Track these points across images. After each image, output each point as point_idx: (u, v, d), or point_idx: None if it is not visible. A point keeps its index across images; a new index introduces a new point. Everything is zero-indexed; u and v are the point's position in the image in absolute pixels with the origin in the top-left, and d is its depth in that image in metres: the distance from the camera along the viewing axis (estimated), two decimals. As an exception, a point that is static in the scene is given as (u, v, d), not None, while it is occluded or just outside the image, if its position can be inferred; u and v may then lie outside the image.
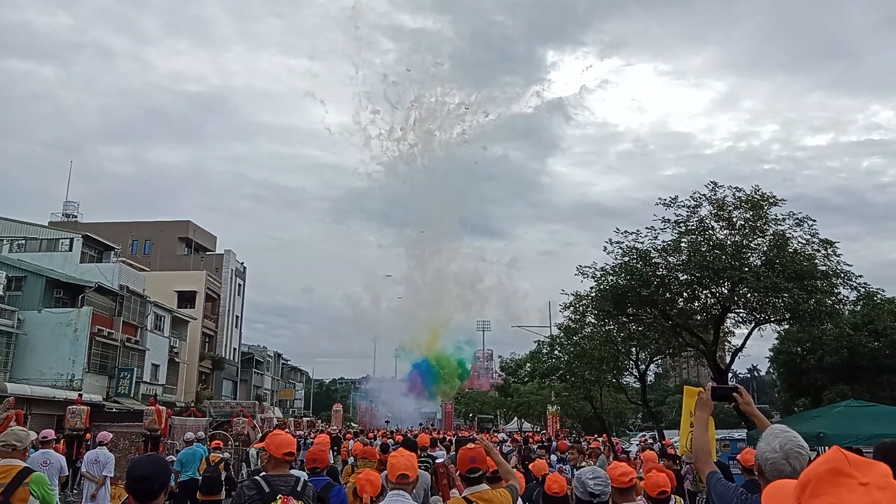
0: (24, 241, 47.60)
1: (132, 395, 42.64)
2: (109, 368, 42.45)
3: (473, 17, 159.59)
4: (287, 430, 31.79)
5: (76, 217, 65.39)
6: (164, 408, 25.54)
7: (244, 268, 72.35)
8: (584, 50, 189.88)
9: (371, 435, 30.41)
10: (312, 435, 35.49)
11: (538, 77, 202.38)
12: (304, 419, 57.99)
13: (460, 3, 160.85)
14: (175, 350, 52.75)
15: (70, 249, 46.16)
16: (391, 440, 20.45)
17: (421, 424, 73.53)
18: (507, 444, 26.22)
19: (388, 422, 76.29)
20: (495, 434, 40.24)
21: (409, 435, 26.75)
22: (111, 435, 14.29)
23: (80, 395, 27.64)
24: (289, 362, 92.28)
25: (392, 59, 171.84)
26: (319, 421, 64.94)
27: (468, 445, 5.05)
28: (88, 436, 21.57)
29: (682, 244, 21.88)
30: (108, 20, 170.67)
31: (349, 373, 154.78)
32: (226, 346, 66.53)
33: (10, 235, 48.04)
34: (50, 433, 11.11)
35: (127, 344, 44.13)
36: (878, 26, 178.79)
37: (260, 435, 23.79)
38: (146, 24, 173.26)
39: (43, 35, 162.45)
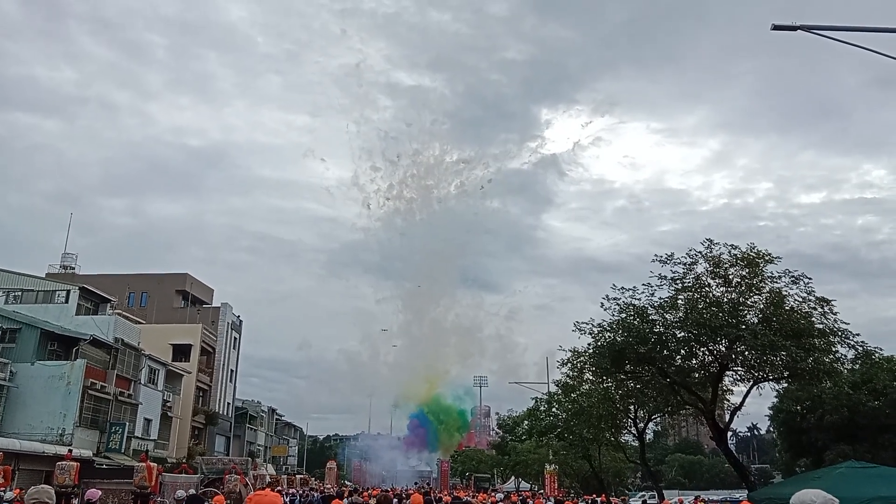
0: (20, 293, 47.46)
1: (123, 451, 41.89)
2: (101, 423, 41.79)
3: (468, 75, 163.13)
4: (279, 487, 31.18)
5: (74, 269, 65.36)
6: (155, 464, 25.13)
7: (240, 321, 72.04)
8: (578, 108, 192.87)
9: (366, 496, 29.80)
10: (305, 493, 34.79)
11: (532, 134, 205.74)
12: (298, 476, 56.91)
13: (455, 61, 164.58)
14: (168, 404, 52.07)
15: (66, 301, 45.95)
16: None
17: (416, 483, 72.20)
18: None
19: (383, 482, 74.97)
20: (493, 494, 39.43)
21: (402, 495, 26.25)
22: (100, 493, 14.04)
23: (70, 451, 27.19)
24: (283, 418, 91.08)
25: (389, 116, 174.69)
26: (313, 479, 63.77)
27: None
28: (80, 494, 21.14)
29: (679, 301, 21.90)
30: (113, 75, 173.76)
31: (344, 429, 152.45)
32: (220, 400, 65.71)
33: (6, 287, 47.93)
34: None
35: (120, 398, 43.57)
36: (867, 86, 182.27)
37: (252, 492, 23.35)
38: (149, 79, 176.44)
39: (47, 89, 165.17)
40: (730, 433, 25.33)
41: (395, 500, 24.66)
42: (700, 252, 22.10)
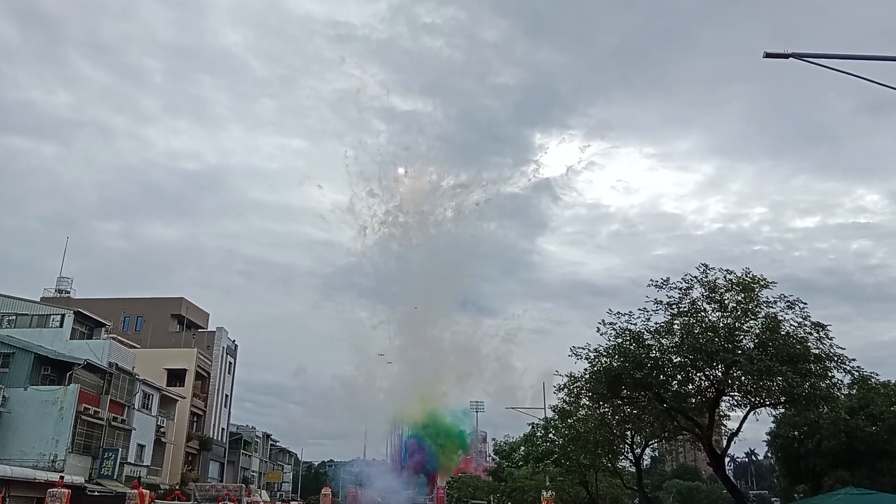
0: (14, 317, 47.25)
1: (116, 477, 41.46)
2: (94, 448, 41.42)
3: (462, 100, 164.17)
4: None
5: (69, 293, 65.20)
6: (148, 491, 24.93)
7: (235, 345, 71.72)
8: (571, 133, 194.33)
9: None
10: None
11: (526, 158, 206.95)
12: (292, 503, 56.31)
13: (449, 86, 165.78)
14: (162, 430, 51.64)
15: (61, 325, 45.76)
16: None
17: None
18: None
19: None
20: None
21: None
22: (92, 520, 13.92)
23: (62, 478, 26.98)
24: (277, 443, 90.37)
25: (384, 140, 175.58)
26: (308, 505, 63.11)
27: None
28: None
29: (675, 326, 21.88)
30: (109, 99, 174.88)
31: (339, 454, 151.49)
32: (214, 425, 65.20)
33: (0, 311, 47.73)
34: None
35: (113, 423, 43.23)
36: (858, 112, 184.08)
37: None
38: (146, 103, 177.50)
39: (44, 113, 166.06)
40: (727, 459, 25.20)
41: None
42: (695, 277, 22.12)
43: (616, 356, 22.53)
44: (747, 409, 22.52)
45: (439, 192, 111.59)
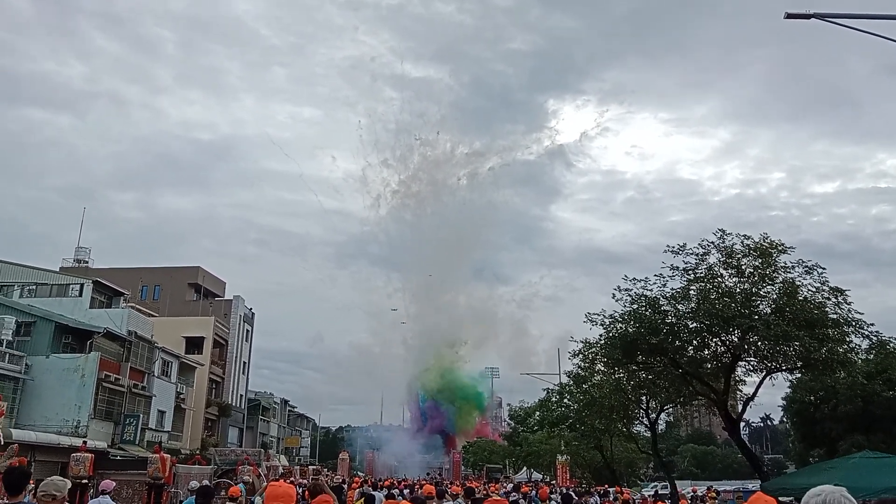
0: (34, 287, 47.87)
1: (137, 442, 42.27)
2: (115, 415, 42.19)
3: (474, 66, 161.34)
4: (292, 479, 31.45)
5: (87, 263, 65.83)
6: (169, 455, 25.37)
7: (252, 313, 72.36)
8: (585, 98, 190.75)
9: (382, 484, 29.89)
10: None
11: (539, 124, 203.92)
12: (310, 467, 57.20)
13: (461, 52, 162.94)
14: (181, 396, 52.44)
15: (80, 295, 46.33)
16: (397, 490, 20.24)
17: (428, 474, 72.45)
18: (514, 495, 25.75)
19: (395, 472, 75.20)
20: (504, 483, 39.45)
21: (415, 485, 26.33)
22: (114, 483, 14.15)
23: (85, 443, 27.47)
24: (295, 409, 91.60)
25: (396, 108, 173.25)
26: (325, 469, 64.09)
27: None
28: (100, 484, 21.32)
29: (691, 292, 21.83)
30: (123, 70, 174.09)
31: (356, 420, 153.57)
32: (232, 392, 66.13)
33: (21, 280, 48.36)
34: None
35: (134, 390, 43.94)
36: (879, 75, 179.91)
37: (265, 483, 23.48)
38: (159, 74, 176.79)
39: (58, 85, 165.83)
40: (742, 424, 25.27)
41: (407, 491, 24.79)
42: (712, 242, 22.00)
43: (632, 322, 22.56)
44: (763, 374, 22.52)
45: (453, 160, 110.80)
